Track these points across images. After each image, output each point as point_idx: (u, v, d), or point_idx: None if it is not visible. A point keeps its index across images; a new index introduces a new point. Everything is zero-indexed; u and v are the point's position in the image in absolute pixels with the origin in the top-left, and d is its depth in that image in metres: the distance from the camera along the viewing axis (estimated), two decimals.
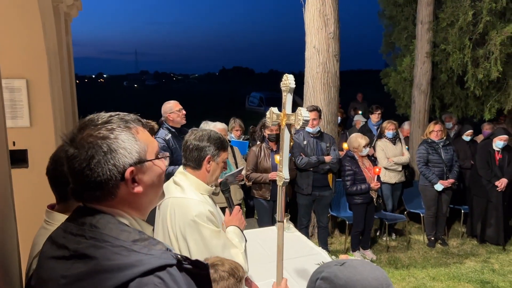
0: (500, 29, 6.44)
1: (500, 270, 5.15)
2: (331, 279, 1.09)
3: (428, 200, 5.89)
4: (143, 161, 1.04)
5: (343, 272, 1.08)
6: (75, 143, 1.00)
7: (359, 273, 1.08)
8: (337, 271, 1.10)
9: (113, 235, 0.98)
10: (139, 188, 1.04)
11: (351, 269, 1.09)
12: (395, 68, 8.61)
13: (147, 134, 1.09)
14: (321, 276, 1.11)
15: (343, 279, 1.07)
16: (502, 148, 5.79)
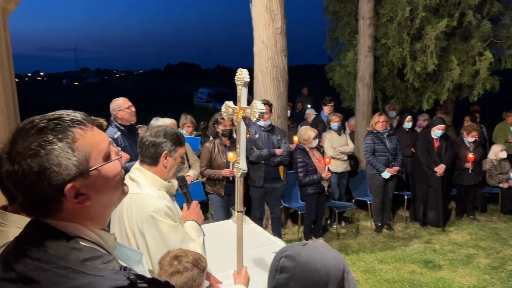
0: (435, 24, 6.86)
1: (441, 250, 5.53)
2: (294, 257, 1.15)
3: (375, 188, 6.19)
4: (85, 172, 0.93)
5: (305, 251, 1.16)
6: (9, 158, 0.90)
7: (320, 252, 1.16)
8: (299, 250, 1.17)
9: (61, 255, 0.90)
10: (87, 202, 0.95)
11: (313, 249, 1.17)
12: (340, 62, 8.90)
13: (91, 135, 0.96)
14: (285, 255, 1.18)
15: (305, 257, 1.14)
16: (440, 136, 6.20)
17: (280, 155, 5.11)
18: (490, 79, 7.30)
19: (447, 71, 7.27)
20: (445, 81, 7.27)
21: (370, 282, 4.57)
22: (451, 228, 6.33)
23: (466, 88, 7.71)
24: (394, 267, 4.98)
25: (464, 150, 6.58)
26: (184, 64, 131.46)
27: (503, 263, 5.08)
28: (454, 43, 7.28)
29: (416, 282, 4.60)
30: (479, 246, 5.64)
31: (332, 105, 7.22)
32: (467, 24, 7.11)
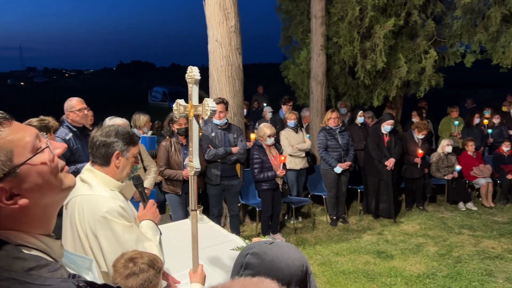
0: (383, 23, 7.13)
1: (393, 240, 5.76)
2: (260, 255, 1.18)
3: (329, 183, 6.36)
4: (12, 171, 0.87)
5: (271, 250, 1.19)
6: None
7: (285, 253, 1.19)
8: (266, 248, 1.20)
9: (3, 265, 0.85)
10: (22, 201, 0.89)
11: (278, 248, 1.20)
12: (294, 61, 9.05)
13: (9, 132, 0.90)
14: (251, 252, 1.20)
15: (270, 256, 1.17)
16: (389, 131, 6.45)
17: (236, 153, 5.14)
18: (435, 76, 7.68)
19: (395, 68, 7.57)
20: (393, 78, 7.57)
21: (327, 275, 4.69)
22: (402, 219, 6.61)
23: (413, 84, 8.08)
24: (349, 258, 5.14)
25: (413, 146, 6.89)
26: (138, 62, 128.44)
27: (449, 250, 5.37)
28: (402, 42, 7.60)
29: (370, 272, 4.77)
30: (428, 235, 5.93)
31: (291, 104, 7.35)
32: (413, 23, 7.45)
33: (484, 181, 7.29)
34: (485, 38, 7.18)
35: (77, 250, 2.00)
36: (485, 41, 7.24)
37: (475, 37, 7.27)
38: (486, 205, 7.21)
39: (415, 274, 4.73)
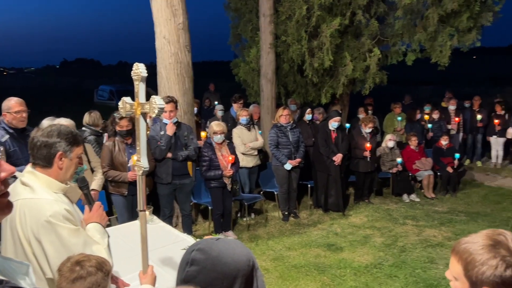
0: (329, 23, 7.32)
1: (342, 233, 5.96)
2: (206, 250, 1.18)
3: (280, 179, 6.45)
4: None
5: (217, 245, 1.19)
6: None
7: (231, 248, 1.20)
8: (212, 244, 1.20)
9: None
10: None
11: (224, 244, 1.20)
12: (244, 59, 9.07)
13: None
14: (197, 248, 1.20)
15: (216, 251, 1.17)
16: (336, 128, 6.65)
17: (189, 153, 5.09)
18: (379, 73, 7.99)
19: (342, 67, 7.81)
20: (340, 76, 7.80)
21: (279, 269, 4.77)
22: (350, 212, 6.84)
23: (359, 82, 8.36)
24: (301, 252, 5.26)
25: (362, 140, 7.15)
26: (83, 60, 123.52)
27: (395, 240, 5.63)
28: (347, 41, 7.84)
29: (321, 265, 4.91)
30: (374, 226, 6.18)
31: (242, 102, 7.37)
32: (358, 23, 7.71)
33: (426, 174, 7.71)
34: (424, 38, 7.57)
35: (19, 256, 1.90)
36: (424, 40, 7.63)
37: (415, 36, 7.64)
38: (428, 196, 7.63)
39: (363, 264, 4.91)
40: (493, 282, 1.20)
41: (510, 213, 6.76)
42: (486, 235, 1.26)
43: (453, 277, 1.31)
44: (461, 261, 1.27)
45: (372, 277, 4.61)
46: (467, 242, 1.28)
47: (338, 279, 4.56)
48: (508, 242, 1.22)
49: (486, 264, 1.21)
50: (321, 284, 4.46)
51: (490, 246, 1.22)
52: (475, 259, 1.23)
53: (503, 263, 1.19)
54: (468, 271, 1.24)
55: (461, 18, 7.24)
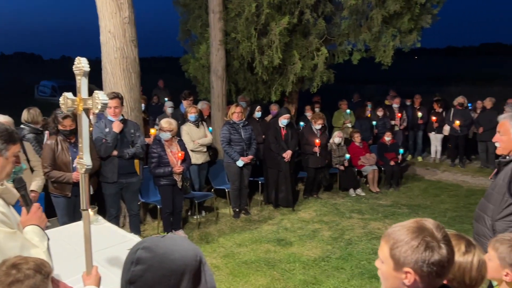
0: (278, 21, 7.40)
1: (291, 227, 6.06)
2: (151, 248, 1.14)
3: (232, 176, 6.46)
4: None
5: (163, 243, 1.16)
6: None
7: (178, 244, 1.17)
8: (157, 241, 1.17)
9: None
10: None
11: (171, 241, 1.18)
12: (193, 55, 8.97)
13: None
14: (142, 246, 1.16)
15: (163, 248, 1.14)
16: (286, 125, 6.75)
17: (136, 151, 4.96)
18: (326, 72, 8.20)
19: (291, 65, 7.93)
20: (289, 74, 7.93)
21: (230, 266, 4.77)
22: (300, 207, 6.98)
23: (307, 80, 8.53)
24: (251, 248, 5.29)
25: (312, 137, 7.30)
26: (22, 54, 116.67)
27: (341, 233, 5.81)
28: (296, 39, 7.97)
29: (271, 260, 4.97)
30: (322, 221, 6.34)
31: (191, 99, 7.28)
32: (306, 22, 7.85)
33: (371, 169, 8.01)
34: (368, 38, 7.86)
35: None
36: (369, 40, 7.93)
37: (360, 36, 7.92)
38: (373, 190, 7.94)
39: (311, 258, 5.03)
40: (414, 262, 1.26)
41: (448, 205, 7.19)
42: (415, 221, 1.33)
43: (381, 261, 1.37)
44: (388, 243, 1.33)
45: (320, 270, 4.73)
46: (395, 226, 1.36)
47: (288, 273, 4.64)
48: (432, 227, 1.30)
49: (408, 244, 1.27)
50: (271, 279, 4.52)
51: (416, 229, 1.29)
52: (399, 239, 1.29)
53: (423, 243, 1.25)
54: (392, 250, 1.30)
55: (402, 20, 7.59)
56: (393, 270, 1.31)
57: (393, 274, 1.32)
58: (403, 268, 1.28)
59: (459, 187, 8.27)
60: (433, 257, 1.25)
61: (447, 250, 1.27)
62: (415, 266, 1.26)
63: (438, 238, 1.27)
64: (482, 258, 1.59)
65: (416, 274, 1.27)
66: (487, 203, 2.75)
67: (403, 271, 1.29)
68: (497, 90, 13.72)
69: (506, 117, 2.72)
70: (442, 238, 1.28)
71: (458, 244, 1.60)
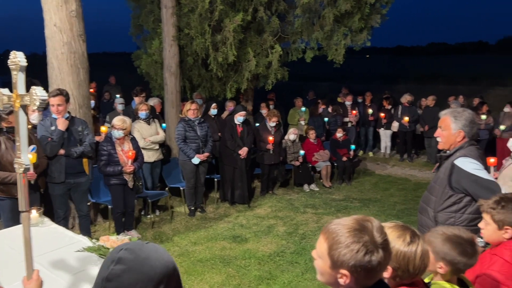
0: (232, 18, 7.38)
1: (247, 224, 6.08)
2: (135, 251, 1.17)
3: (187, 173, 6.37)
4: None
5: (147, 248, 1.20)
6: None
7: (159, 252, 1.21)
8: (141, 246, 1.21)
9: None
10: None
11: (153, 247, 1.22)
12: (146, 50, 8.77)
13: None
14: (126, 247, 1.18)
15: (146, 253, 1.17)
16: (242, 122, 6.76)
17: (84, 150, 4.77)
18: (281, 69, 8.28)
19: (245, 62, 7.94)
20: (244, 71, 7.93)
21: (184, 265, 4.72)
22: (255, 204, 7.02)
23: (262, 77, 8.57)
24: (207, 246, 5.26)
25: (266, 134, 7.34)
26: None
27: (296, 228, 5.90)
28: (250, 37, 7.99)
29: (226, 257, 4.96)
30: (278, 216, 6.41)
31: (143, 96, 7.10)
32: (260, 19, 7.88)
33: (324, 165, 8.19)
34: (321, 36, 8.01)
35: None
36: (321, 38, 8.08)
37: (313, 35, 8.06)
38: (326, 185, 8.12)
39: (266, 253, 5.07)
40: (352, 265, 1.26)
41: (397, 198, 7.48)
42: (355, 219, 1.32)
43: (318, 255, 1.37)
44: (327, 241, 1.31)
45: (275, 265, 4.78)
46: (337, 223, 1.33)
47: (243, 270, 4.65)
48: (373, 229, 1.29)
49: (348, 247, 1.26)
50: (226, 276, 4.51)
51: (356, 231, 1.28)
52: (339, 241, 1.28)
53: (363, 249, 1.25)
54: (331, 250, 1.29)
55: (353, 19, 7.79)
56: (330, 268, 1.32)
57: (329, 271, 1.33)
58: (339, 269, 1.29)
59: (407, 181, 8.63)
60: (370, 262, 1.26)
61: (384, 254, 1.28)
62: (352, 268, 1.27)
63: (378, 243, 1.28)
64: (425, 248, 1.65)
65: (352, 275, 1.28)
66: (430, 195, 2.88)
67: (340, 272, 1.29)
68: (441, 88, 14.44)
69: (447, 113, 2.85)
70: (382, 242, 1.29)
71: (404, 235, 1.65)
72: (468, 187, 2.64)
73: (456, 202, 2.71)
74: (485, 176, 2.62)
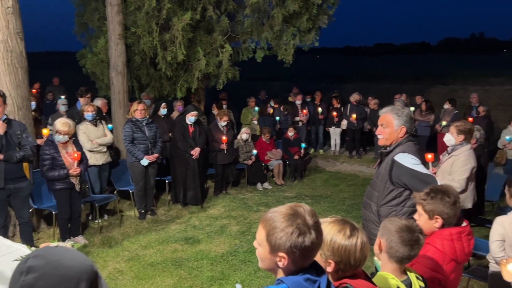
0: (181, 16, 7.27)
1: (200, 225, 6.03)
2: (44, 256, 1.09)
3: (136, 176, 6.22)
4: None
5: (56, 251, 1.13)
6: None
7: (72, 252, 1.14)
8: (50, 249, 1.13)
9: None
10: None
11: (64, 249, 1.15)
12: (91, 49, 8.46)
13: None
14: (34, 255, 1.10)
15: (57, 255, 1.09)
16: (193, 122, 6.68)
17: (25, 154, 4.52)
18: (232, 69, 8.27)
19: (196, 61, 7.85)
20: (194, 71, 7.84)
21: (135, 269, 4.60)
22: (209, 204, 6.97)
23: (213, 77, 8.51)
24: (158, 249, 5.16)
25: (219, 134, 7.31)
26: None
27: (249, 227, 5.92)
28: (200, 36, 7.90)
29: (178, 259, 4.89)
30: (231, 216, 6.41)
31: (89, 96, 6.84)
32: (209, 18, 7.82)
33: (276, 163, 8.28)
34: (270, 36, 8.08)
35: None
36: (271, 38, 8.15)
37: (262, 34, 8.11)
38: (278, 183, 8.22)
39: (219, 253, 5.05)
40: (288, 247, 1.36)
41: (346, 193, 7.71)
42: (289, 206, 1.43)
43: (258, 243, 1.47)
44: (265, 228, 1.42)
45: (228, 265, 4.77)
46: (273, 211, 1.44)
47: (195, 271, 4.61)
48: (305, 213, 1.41)
49: (283, 231, 1.37)
50: (178, 278, 4.45)
51: (290, 215, 1.39)
52: (276, 226, 1.39)
53: (297, 231, 1.36)
54: (269, 236, 1.40)
55: (301, 19, 7.92)
56: (269, 253, 1.42)
57: (269, 256, 1.42)
58: (278, 252, 1.39)
59: (356, 176, 8.92)
60: (304, 242, 1.36)
61: (316, 235, 1.39)
62: (288, 250, 1.37)
63: (310, 224, 1.39)
64: (365, 240, 1.70)
65: (289, 257, 1.38)
66: (373, 190, 2.99)
67: (278, 255, 1.39)
68: (387, 87, 15.04)
69: (387, 111, 2.97)
70: (313, 224, 1.40)
71: (344, 229, 1.69)
72: (407, 181, 2.76)
73: (396, 196, 2.83)
74: (423, 170, 2.75)
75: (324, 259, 1.66)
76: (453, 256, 2.20)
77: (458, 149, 4.23)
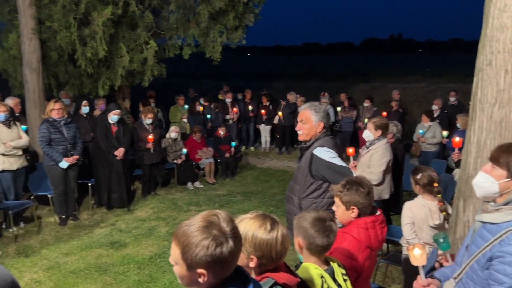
0: (101, 11, 6.92)
1: (126, 228, 5.81)
2: None
3: (55, 179, 5.83)
4: None
5: None
6: None
7: None
8: None
9: None
10: None
11: None
12: (2, 45, 7.80)
13: None
14: None
15: None
16: (116, 121, 6.41)
17: None
18: (157, 66, 8.05)
19: (118, 57, 7.53)
20: (117, 68, 7.52)
21: (54, 279, 4.32)
22: (136, 206, 6.74)
23: (138, 74, 8.23)
24: (80, 256, 4.90)
25: (144, 132, 7.07)
26: None
27: None
28: (122, 31, 7.59)
29: (103, 265, 4.68)
30: (160, 217, 6.25)
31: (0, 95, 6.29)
32: (132, 13, 7.54)
33: (207, 161, 8.21)
34: (197, 33, 7.98)
35: None
36: (198, 35, 8.05)
37: (189, 31, 7.98)
38: (210, 182, 8.15)
39: (147, 256, 4.91)
40: (206, 262, 1.27)
41: (276, 189, 7.84)
42: (202, 217, 1.33)
43: (174, 261, 1.35)
44: (179, 245, 1.31)
45: (156, 267, 4.65)
46: (186, 225, 1.33)
47: (121, 276, 4.43)
48: (220, 221, 1.32)
49: (199, 246, 1.26)
50: (102, 284, 4.25)
51: (204, 228, 1.29)
52: (190, 242, 1.28)
53: (213, 243, 1.27)
54: (184, 254, 1.29)
55: (228, 17, 7.91)
56: (187, 271, 1.32)
57: (187, 274, 1.33)
58: (196, 269, 1.30)
59: (286, 172, 9.10)
60: (222, 253, 1.28)
61: (234, 242, 1.31)
62: (206, 265, 1.28)
63: (227, 232, 1.31)
64: (285, 232, 1.72)
65: (209, 272, 1.30)
66: (294, 184, 3.06)
67: (197, 272, 1.30)
68: (314, 85, 15.53)
69: (305, 107, 3.05)
70: (230, 231, 1.32)
71: (264, 224, 1.69)
72: (325, 174, 2.86)
73: (316, 188, 2.92)
74: (339, 163, 2.86)
75: (246, 255, 1.65)
76: (368, 243, 2.31)
77: (375, 144, 4.46)
